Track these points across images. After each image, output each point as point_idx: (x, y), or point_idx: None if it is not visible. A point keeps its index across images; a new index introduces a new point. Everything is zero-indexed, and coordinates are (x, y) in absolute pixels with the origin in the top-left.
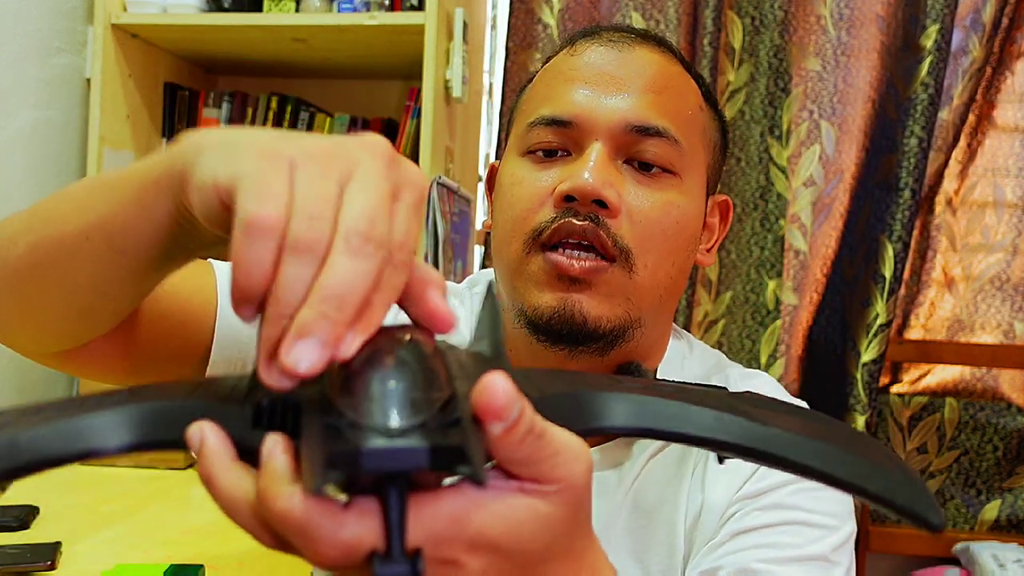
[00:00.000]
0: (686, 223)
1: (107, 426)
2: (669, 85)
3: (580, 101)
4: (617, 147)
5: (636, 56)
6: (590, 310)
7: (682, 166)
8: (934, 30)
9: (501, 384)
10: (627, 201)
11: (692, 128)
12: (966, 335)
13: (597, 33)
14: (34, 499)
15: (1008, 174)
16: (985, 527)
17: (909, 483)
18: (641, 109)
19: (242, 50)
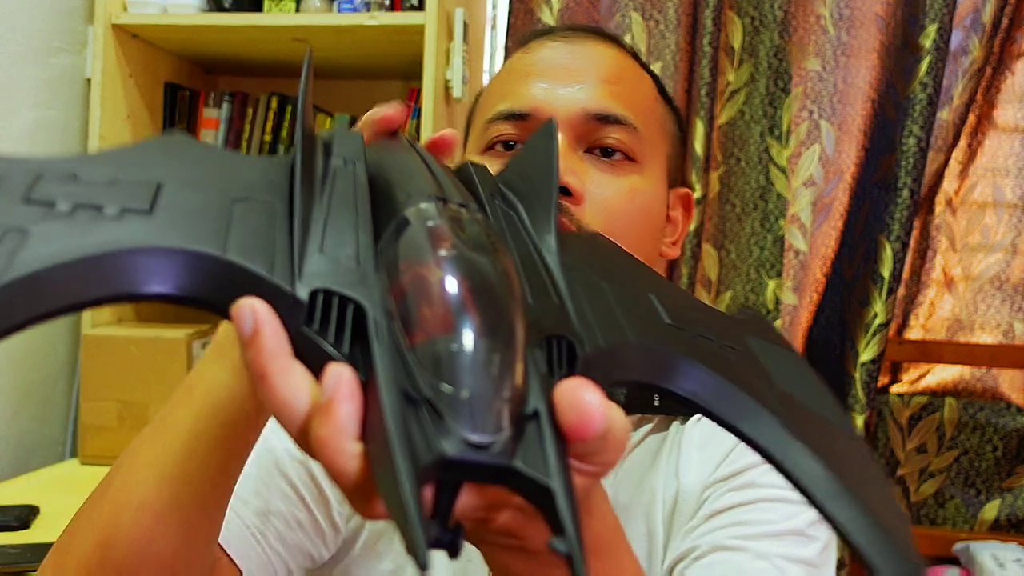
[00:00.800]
0: (649, 210)
1: (140, 267)
2: (624, 76)
3: (537, 94)
4: (577, 137)
5: (590, 49)
6: None
7: (642, 154)
8: (932, 30)
9: (596, 409)
10: (590, 189)
11: (650, 117)
12: (966, 335)
13: (550, 31)
14: (34, 499)
15: (1008, 174)
16: (985, 527)
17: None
18: (599, 98)
19: (242, 50)
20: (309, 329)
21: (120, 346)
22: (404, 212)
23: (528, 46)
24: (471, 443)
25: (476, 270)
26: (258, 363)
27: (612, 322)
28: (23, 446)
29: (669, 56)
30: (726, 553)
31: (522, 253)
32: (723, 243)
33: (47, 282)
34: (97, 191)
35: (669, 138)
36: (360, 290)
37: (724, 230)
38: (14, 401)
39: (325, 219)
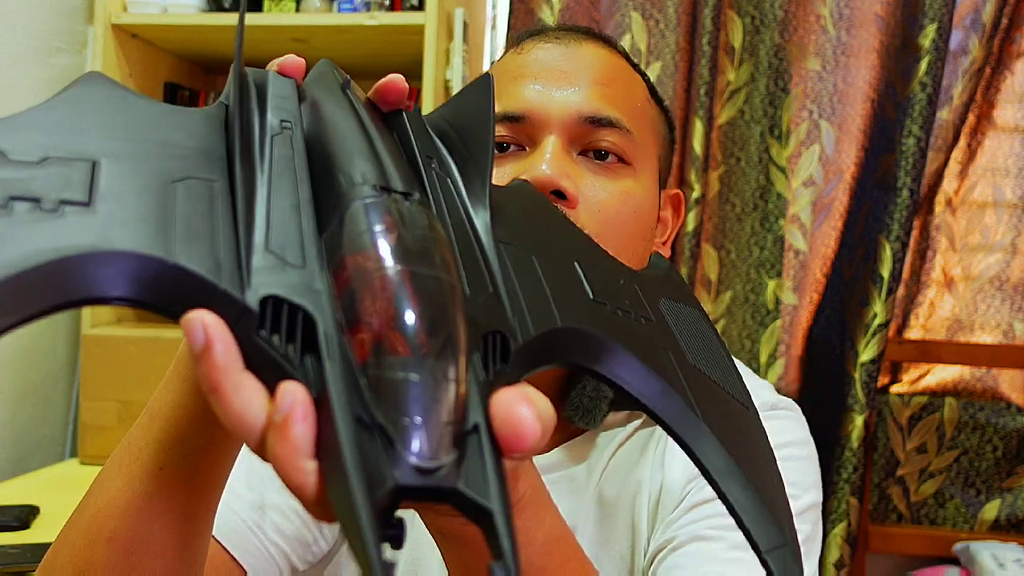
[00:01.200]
0: (642, 212)
1: (87, 273)
2: (617, 77)
3: (531, 96)
4: (571, 139)
5: (583, 51)
6: None
7: (635, 156)
8: (932, 29)
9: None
10: (584, 192)
11: (642, 119)
12: (966, 335)
13: (543, 32)
14: (34, 499)
15: (1008, 174)
16: (985, 527)
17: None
18: (592, 100)
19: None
20: (260, 339)
21: (120, 346)
22: (348, 208)
23: (521, 46)
24: (421, 469)
25: (425, 285)
26: (211, 377)
27: (542, 305)
28: (23, 446)
29: (669, 56)
30: (704, 543)
31: (458, 232)
32: (723, 243)
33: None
34: (31, 176)
35: (660, 139)
36: (309, 297)
37: (724, 230)
38: (14, 401)
39: (268, 199)
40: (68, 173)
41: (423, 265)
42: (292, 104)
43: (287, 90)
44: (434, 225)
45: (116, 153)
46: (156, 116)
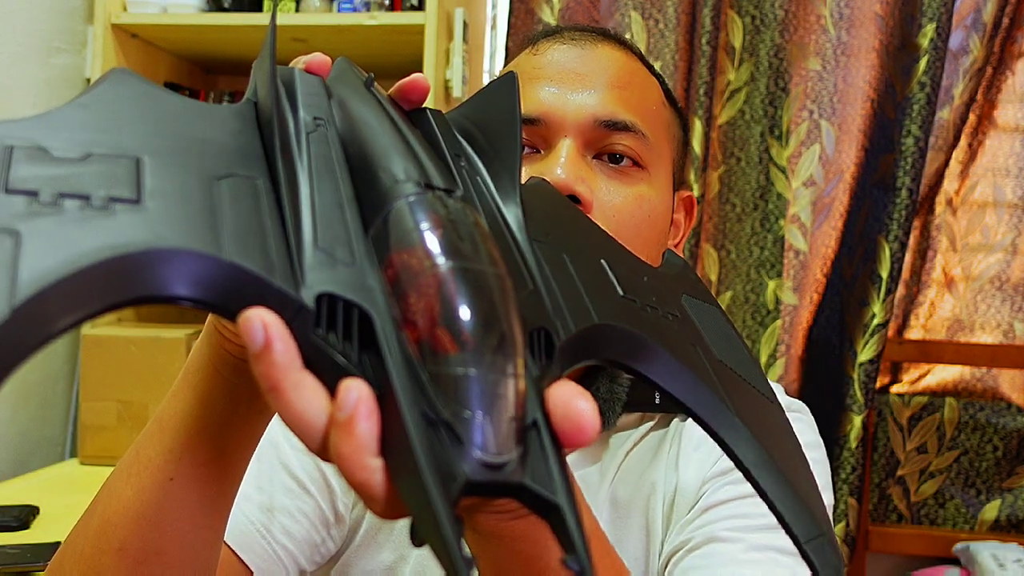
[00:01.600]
0: (656, 216)
1: (141, 272)
2: (633, 80)
3: (547, 99)
4: (586, 143)
5: (599, 53)
6: None
7: (650, 160)
8: (930, 29)
9: (590, 418)
10: (599, 196)
11: (657, 123)
12: (966, 335)
13: (558, 32)
14: (34, 499)
15: (1008, 174)
16: (985, 527)
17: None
18: (608, 104)
19: (242, 50)
20: (318, 337)
21: (120, 346)
22: (393, 205)
23: (536, 46)
24: (488, 464)
25: (479, 281)
26: (270, 377)
27: (578, 303)
28: (23, 446)
29: (669, 55)
30: (720, 544)
31: (494, 230)
32: (723, 243)
33: (53, 298)
34: (76, 173)
35: (674, 142)
36: (363, 294)
37: (724, 230)
38: (14, 401)
39: (311, 197)
40: (113, 170)
41: (474, 261)
42: (323, 101)
43: (316, 87)
44: (479, 221)
45: (157, 150)
46: (189, 113)
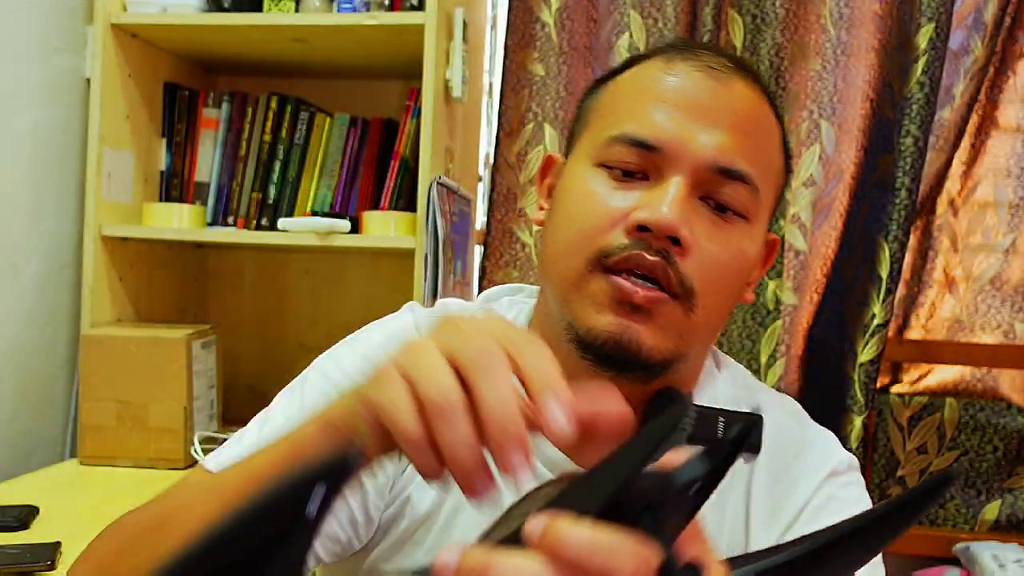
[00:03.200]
0: (747, 268)
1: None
2: (759, 127)
3: (670, 128)
4: (698, 182)
5: (732, 89)
6: (646, 340)
7: (754, 212)
8: (929, 29)
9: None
10: (699, 240)
11: (769, 173)
12: (966, 335)
13: (694, 53)
14: (34, 499)
15: (1009, 174)
16: (985, 527)
17: None
18: (729, 150)
19: (242, 50)
20: None
21: (120, 346)
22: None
23: (671, 62)
24: None
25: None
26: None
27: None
28: (22, 446)
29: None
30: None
31: None
32: None
33: None
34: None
35: (778, 190)
36: None
37: None
38: (14, 401)
39: None
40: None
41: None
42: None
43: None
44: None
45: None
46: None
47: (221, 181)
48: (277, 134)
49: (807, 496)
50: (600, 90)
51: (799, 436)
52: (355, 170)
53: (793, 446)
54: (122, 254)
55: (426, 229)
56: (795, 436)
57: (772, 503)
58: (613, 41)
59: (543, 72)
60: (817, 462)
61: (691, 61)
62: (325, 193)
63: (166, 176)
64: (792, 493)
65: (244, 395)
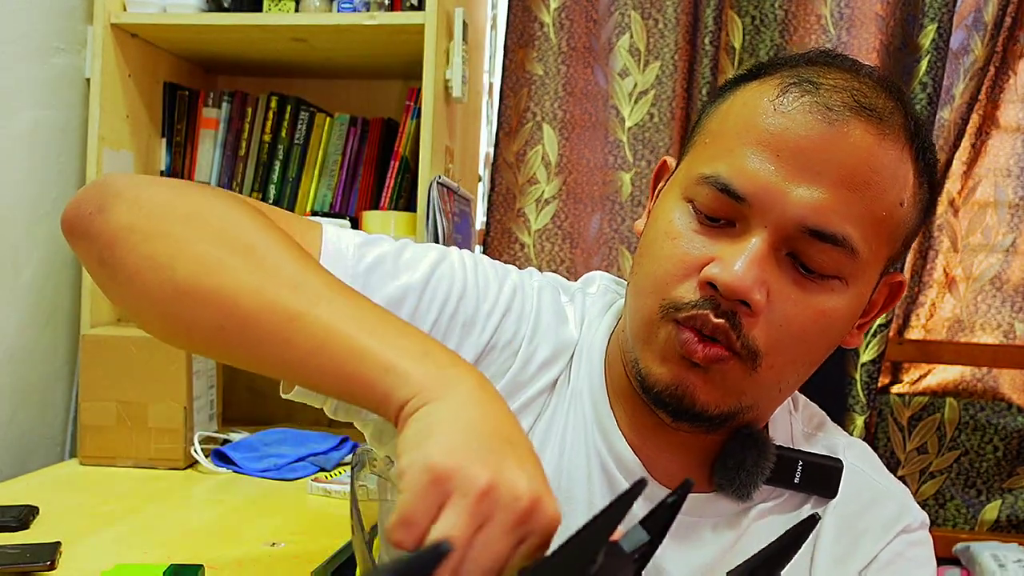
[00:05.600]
0: (834, 328)
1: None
2: (872, 180)
3: (763, 178)
4: (783, 240)
5: (847, 136)
6: (701, 395)
7: (853, 272)
8: (932, 29)
9: None
10: (774, 300)
11: (881, 229)
12: (966, 335)
13: (816, 82)
14: (34, 499)
15: (1010, 174)
16: (985, 527)
17: None
18: (825, 209)
19: (242, 50)
20: None
21: (120, 346)
22: None
23: (785, 95)
24: None
25: None
26: None
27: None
28: (22, 446)
29: (668, 55)
30: None
31: None
32: None
33: None
34: None
35: (903, 237)
36: None
37: None
38: (13, 401)
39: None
40: None
41: None
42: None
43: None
44: None
45: None
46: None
47: (221, 181)
48: (277, 134)
49: (876, 549)
50: (721, 100)
51: (873, 484)
52: (355, 170)
53: (866, 493)
54: None
55: (426, 229)
56: (869, 484)
57: (840, 550)
58: (613, 41)
59: (542, 72)
60: (890, 516)
61: (808, 96)
62: (325, 193)
63: (166, 176)
64: (861, 543)
65: (244, 395)
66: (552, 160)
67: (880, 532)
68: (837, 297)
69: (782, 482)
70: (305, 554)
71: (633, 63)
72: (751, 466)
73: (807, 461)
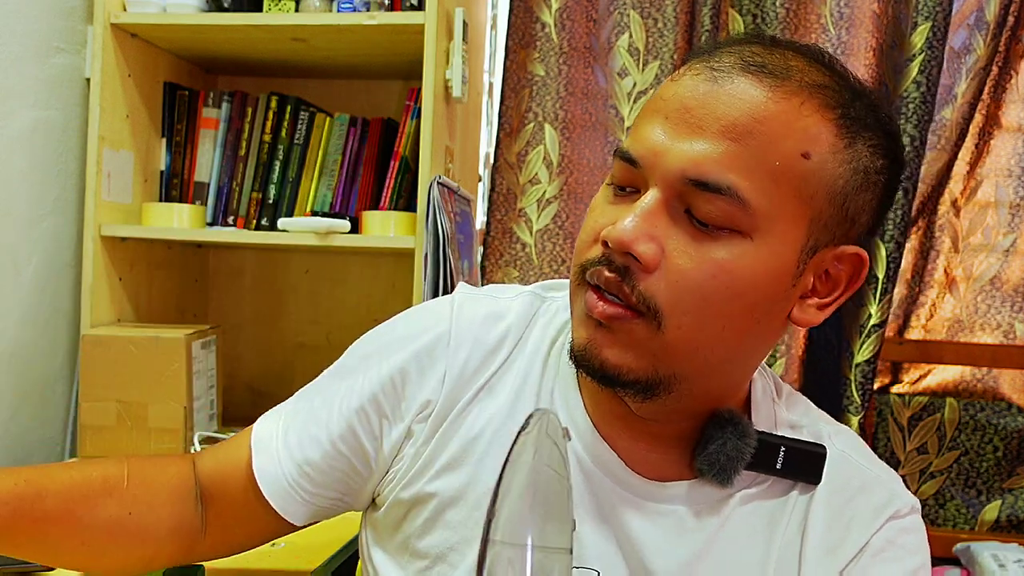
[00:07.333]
0: (747, 285)
1: None
2: (756, 130)
3: (652, 140)
4: (678, 195)
5: (729, 91)
6: (609, 356)
7: (752, 225)
8: (925, 28)
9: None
10: (669, 256)
11: (781, 181)
12: (966, 335)
13: (714, 53)
14: None
15: (1011, 174)
16: (985, 527)
17: None
18: (704, 160)
19: (242, 50)
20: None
21: (119, 346)
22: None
23: (682, 69)
24: None
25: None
26: None
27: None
28: (22, 446)
29: (668, 55)
30: None
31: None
32: None
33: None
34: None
35: (824, 196)
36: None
37: None
38: (13, 401)
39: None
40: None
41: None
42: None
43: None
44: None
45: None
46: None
47: (221, 181)
48: (277, 134)
49: (867, 536)
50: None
51: (862, 471)
52: (355, 170)
53: (855, 480)
54: (122, 254)
55: (426, 229)
56: (858, 470)
57: (831, 538)
58: (613, 41)
59: (543, 72)
60: (879, 502)
61: (701, 63)
62: (325, 193)
63: (166, 176)
64: (851, 530)
65: (244, 395)
66: (554, 160)
67: (870, 519)
68: (738, 252)
69: (764, 467)
70: (305, 554)
71: (632, 63)
72: (731, 449)
73: (789, 446)
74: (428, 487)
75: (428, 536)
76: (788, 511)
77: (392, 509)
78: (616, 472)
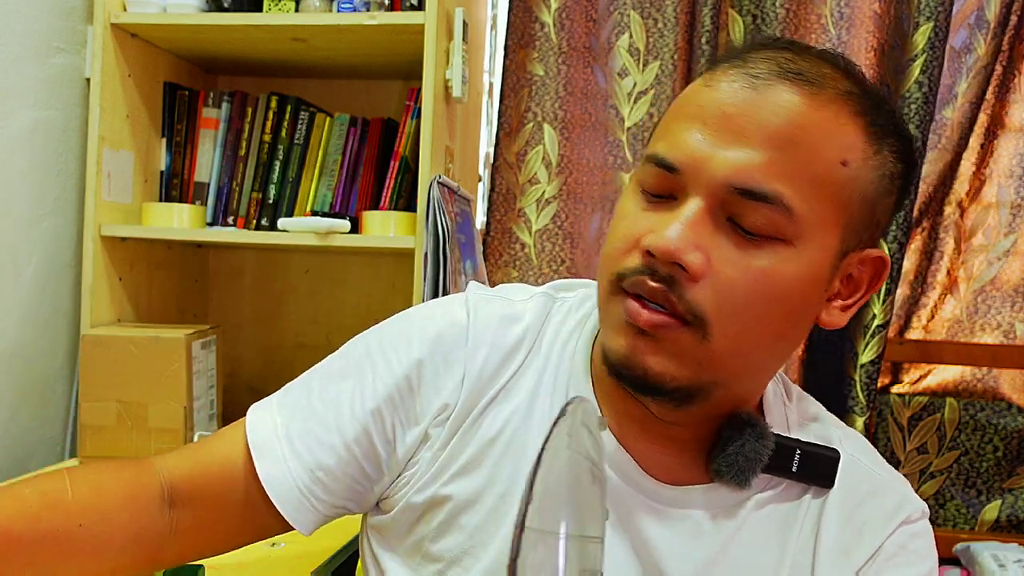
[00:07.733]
0: (787, 292)
1: None
2: (799, 138)
3: (692, 147)
4: (721, 203)
5: (770, 98)
6: (653, 365)
7: (795, 233)
8: (927, 28)
9: None
10: (716, 266)
11: (823, 188)
12: (966, 336)
13: (747, 58)
14: None
15: (1012, 175)
16: (985, 527)
17: None
18: (750, 169)
19: (242, 50)
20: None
21: (119, 346)
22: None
23: (715, 73)
24: None
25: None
26: None
27: None
28: (22, 446)
29: (668, 55)
30: None
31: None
32: None
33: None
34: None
35: (857, 202)
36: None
37: None
38: (13, 401)
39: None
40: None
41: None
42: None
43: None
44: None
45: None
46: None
47: (221, 181)
48: (277, 134)
49: (880, 540)
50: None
51: (872, 475)
52: (355, 170)
53: (865, 485)
54: (122, 254)
55: (426, 229)
56: (868, 475)
57: (844, 540)
58: (613, 41)
59: (543, 72)
60: (891, 507)
61: (736, 69)
62: (325, 193)
63: (166, 176)
64: (864, 534)
65: (244, 395)
66: (553, 160)
67: (882, 524)
68: (781, 259)
69: (780, 470)
70: (305, 554)
71: (632, 63)
72: (750, 451)
73: (804, 449)
74: (443, 490)
75: (442, 539)
76: (802, 514)
77: (403, 513)
78: (632, 475)
